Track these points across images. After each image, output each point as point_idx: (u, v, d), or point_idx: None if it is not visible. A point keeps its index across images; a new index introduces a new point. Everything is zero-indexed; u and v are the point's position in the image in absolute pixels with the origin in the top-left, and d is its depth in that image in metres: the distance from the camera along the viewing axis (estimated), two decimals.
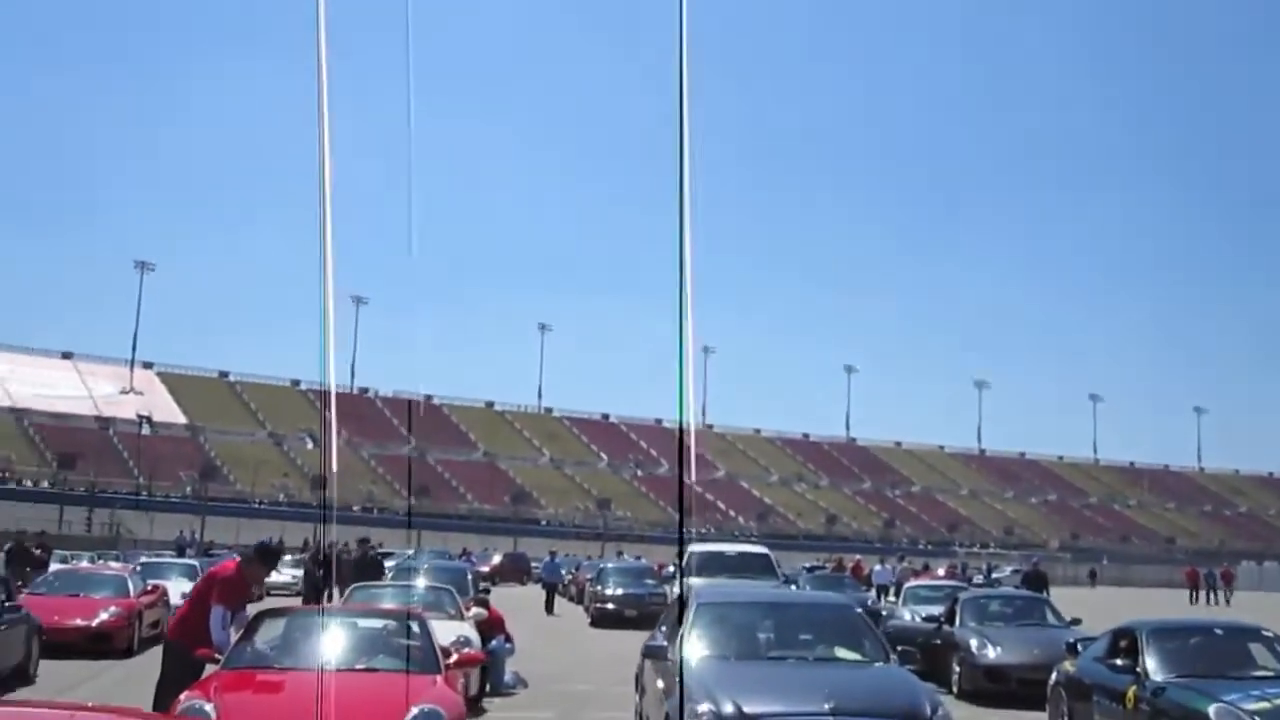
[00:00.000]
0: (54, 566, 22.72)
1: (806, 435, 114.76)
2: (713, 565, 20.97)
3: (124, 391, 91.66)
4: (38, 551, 24.42)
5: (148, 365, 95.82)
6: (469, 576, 20.20)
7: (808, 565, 47.82)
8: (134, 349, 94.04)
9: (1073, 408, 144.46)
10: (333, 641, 8.23)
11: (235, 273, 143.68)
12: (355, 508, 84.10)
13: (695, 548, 22.92)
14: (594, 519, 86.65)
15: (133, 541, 52.02)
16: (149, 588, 19.02)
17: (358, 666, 7.70)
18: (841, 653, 9.22)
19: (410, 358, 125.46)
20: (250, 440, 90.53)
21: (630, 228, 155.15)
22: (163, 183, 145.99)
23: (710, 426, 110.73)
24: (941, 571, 51.11)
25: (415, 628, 8.65)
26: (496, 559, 54.09)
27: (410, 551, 46.88)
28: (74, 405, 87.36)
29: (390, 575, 20.44)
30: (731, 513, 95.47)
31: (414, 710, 7.13)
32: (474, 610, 14.73)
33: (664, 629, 10.40)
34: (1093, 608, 25.79)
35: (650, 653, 9.43)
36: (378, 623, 8.98)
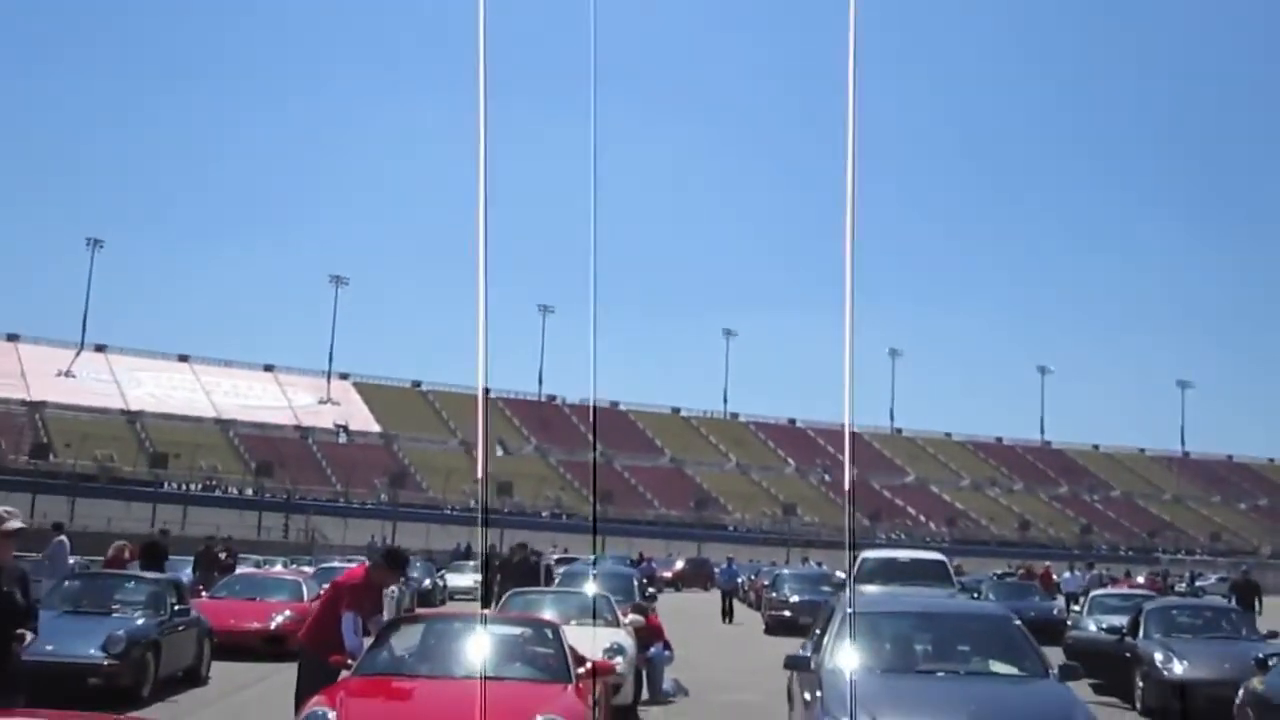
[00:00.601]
0: (240, 570, 23.44)
1: (999, 439, 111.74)
2: (885, 572, 20.42)
3: (322, 401, 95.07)
4: (224, 556, 25.28)
5: (344, 376, 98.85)
6: (635, 582, 20.05)
7: (998, 572, 46.48)
8: (330, 360, 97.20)
9: None
10: (464, 649, 8.14)
11: (427, 285, 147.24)
12: (544, 514, 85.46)
13: (868, 554, 22.37)
14: (780, 525, 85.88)
15: (327, 547, 53.66)
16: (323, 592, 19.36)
17: (487, 675, 7.58)
18: (996, 667, 8.73)
19: (597, 365, 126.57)
20: (442, 448, 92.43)
21: (809, 231, 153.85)
22: (354, 199, 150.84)
23: (899, 430, 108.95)
24: (1141, 579, 49.05)
25: (549, 636, 8.51)
26: (679, 564, 54.04)
27: (586, 557, 47.39)
28: (275, 415, 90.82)
29: (558, 580, 20.42)
30: (922, 518, 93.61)
31: (537, 719, 6.97)
32: (631, 617, 14.55)
33: (814, 639, 10.06)
34: None
35: (793, 664, 9.10)
36: (512, 630, 8.88)
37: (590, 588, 19.32)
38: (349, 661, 8.33)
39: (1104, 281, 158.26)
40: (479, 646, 8.01)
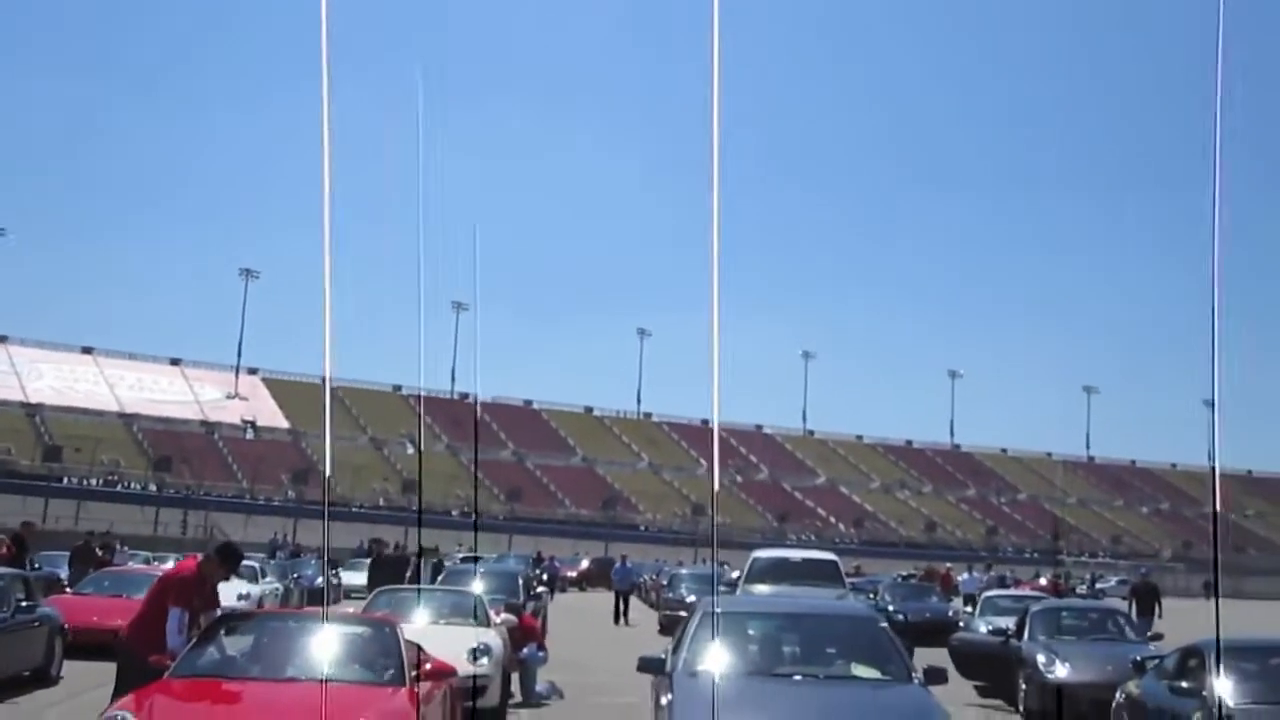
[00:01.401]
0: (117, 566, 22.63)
1: (909, 442, 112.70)
2: (776, 572, 20.20)
3: (229, 396, 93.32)
4: (100, 551, 24.47)
5: (253, 371, 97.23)
6: (520, 581, 19.60)
7: (903, 574, 46.64)
8: (239, 355, 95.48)
9: (1186, 414, 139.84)
10: (295, 650, 7.64)
11: (338, 280, 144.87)
12: (454, 512, 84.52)
13: (759, 553, 22.10)
14: (690, 525, 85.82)
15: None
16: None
17: (311, 677, 7.10)
18: (859, 670, 8.41)
19: (509, 364, 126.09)
20: (352, 444, 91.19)
21: (725, 229, 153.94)
22: (266, 191, 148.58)
23: (811, 433, 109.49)
24: (1044, 581, 49.46)
25: (386, 636, 8.02)
26: (585, 564, 53.59)
27: (489, 556, 46.79)
28: (180, 410, 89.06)
29: (441, 579, 19.86)
30: (832, 519, 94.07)
31: None
32: (503, 617, 14.11)
33: (675, 640, 9.68)
34: (1204, 622, 24.14)
35: (646, 666, 8.70)
36: (347, 630, 8.37)
37: (477, 586, 18.91)
38: (168, 661, 7.81)
39: (1014, 286, 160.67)
40: (311, 647, 7.52)
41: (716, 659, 8.24)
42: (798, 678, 8.16)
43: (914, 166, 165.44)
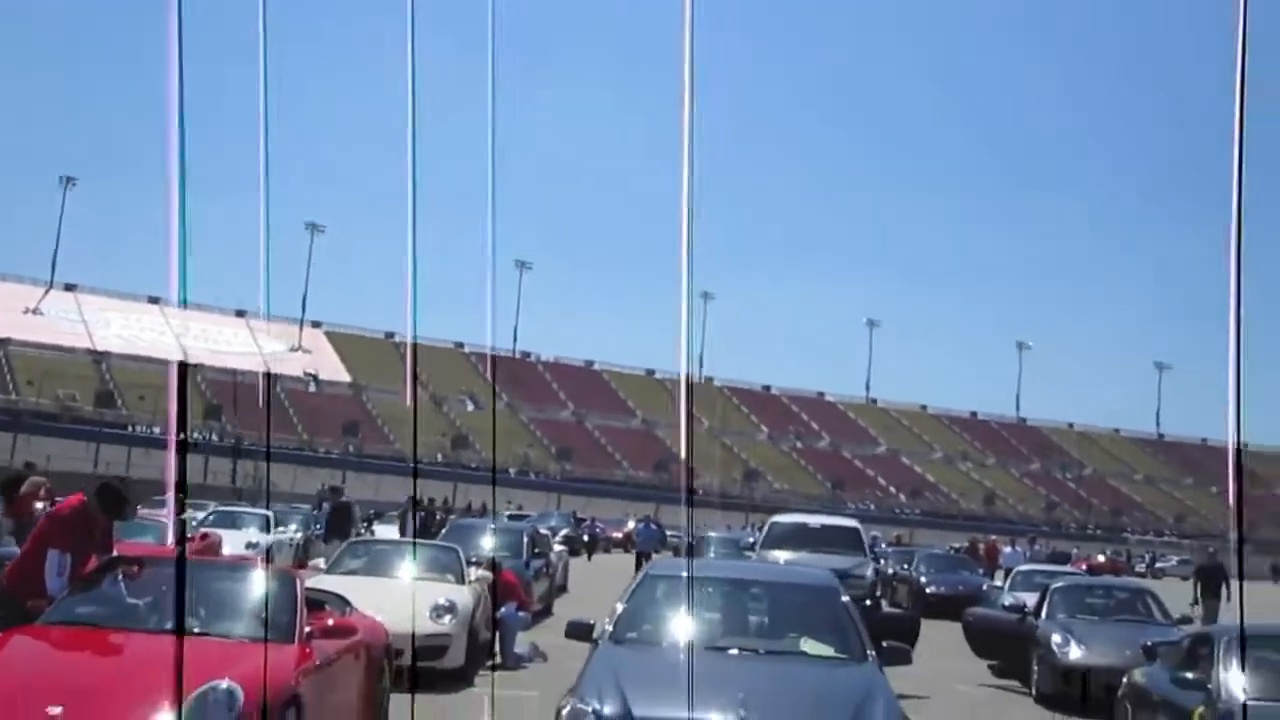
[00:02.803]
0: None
1: (974, 413, 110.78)
2: (793, 538, 19.39)
3: (292, 349, 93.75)
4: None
5: (316, 325, 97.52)
6: (525, 538, 18.90)
7: (955, 546, 45.57)
8: (303, 309, 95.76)
9: (1260, 392, 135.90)
10: (170, 599, 6.98)
11: (401, 236, 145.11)
12: (511, 470, 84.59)
13: (778, 518, 21.36)
14: (745, 489, 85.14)
15: (276, 494, 52.50)
16: (193, 535, 18.32)
17: (181, 630, 6.45)
18: (808, 645, 7.59)
19: (573, 323, 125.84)
20: (410, 400, 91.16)
21: (790, 194, 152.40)
22: (335, 148, 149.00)
23: (874, 401, 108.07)
24: (1101, 559, 48.19)
25: (278, 588, 7.35)
26: (630, 525, 52.95)
27: (535, 514, 46.35)
28: (243, 361, 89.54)
29: (444, 534, 19.21)
30: (892, 489, 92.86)
31: (203, 687, 5.85)
32: (477, 573, 13.44)
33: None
34: (1269, 606, 22.82)
35: (573, 632, 7.95)
36: (236, 581, 7.71)
37: (486, 542, 18.34)
38: (45, 606, 7.22)
39: (1086, 259, 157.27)
40: (189, 598, 6.86)
41: (648, 628, 7.51)
42: (733, 651, 7.36)
43: (988, 142, 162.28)
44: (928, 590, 24.95)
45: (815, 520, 21.93)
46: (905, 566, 27.61)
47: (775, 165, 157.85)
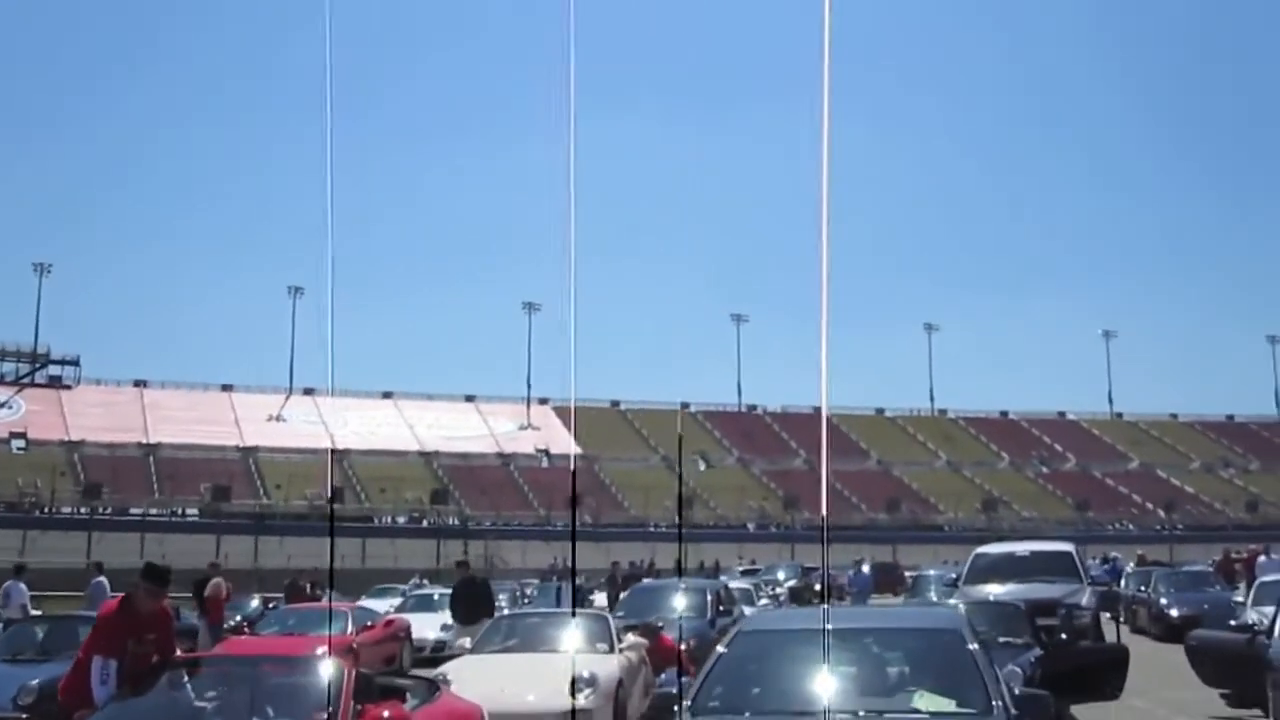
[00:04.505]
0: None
1: (1230, 416, 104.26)
2: (1000, 569, 17.98)
3: (522, 427, 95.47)
4: (309, 588, 24.59)
5: (543, 401, 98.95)
6: (708, 597, 17.89)
7: (1215, 560, 42.41)
8: (529, 387, 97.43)
9: None
10: (222, 700, 6.54)
11: (621, 307, 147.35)
12: (750, 525, 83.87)
13: (982, 549, 19.91)
14: (994, 521, 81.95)
15: (506, 571, 53.22)
16: (377, 622, 18.24)
17: None
18: (922, 702, 6.57)
19: (795, 372, 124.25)
20: (644, 465, 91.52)
21: (1005, 216, 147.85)
22: (545, 226, 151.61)
23: (1119, 415, 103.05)
24: None
25: (326, 681, 6.81)
26: (865, 569, 51.22)
27: (765, 567, 45.48)
28: (477, 444, 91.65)
29: (624, 598, 18.44)
30: (1149, 505, 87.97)
31: None
32: (630, 639, 12.68)
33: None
34: None
35: (659, 704, 7.12)
36: (287, 675, 7.21)
37: (678, 602, 17.62)
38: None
39: None
40: (236, 693, 6.41)
41: (732, 694, 6.64)
42: (836, 716, 6.39)
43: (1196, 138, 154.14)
44: (1169, 612, 22.89)
45: (1023, 547, 20.40)
46: (1143, 588, 25.55)
47: (984, 187, 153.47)
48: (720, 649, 7.28)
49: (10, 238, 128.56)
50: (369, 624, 18.07)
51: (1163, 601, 23.36)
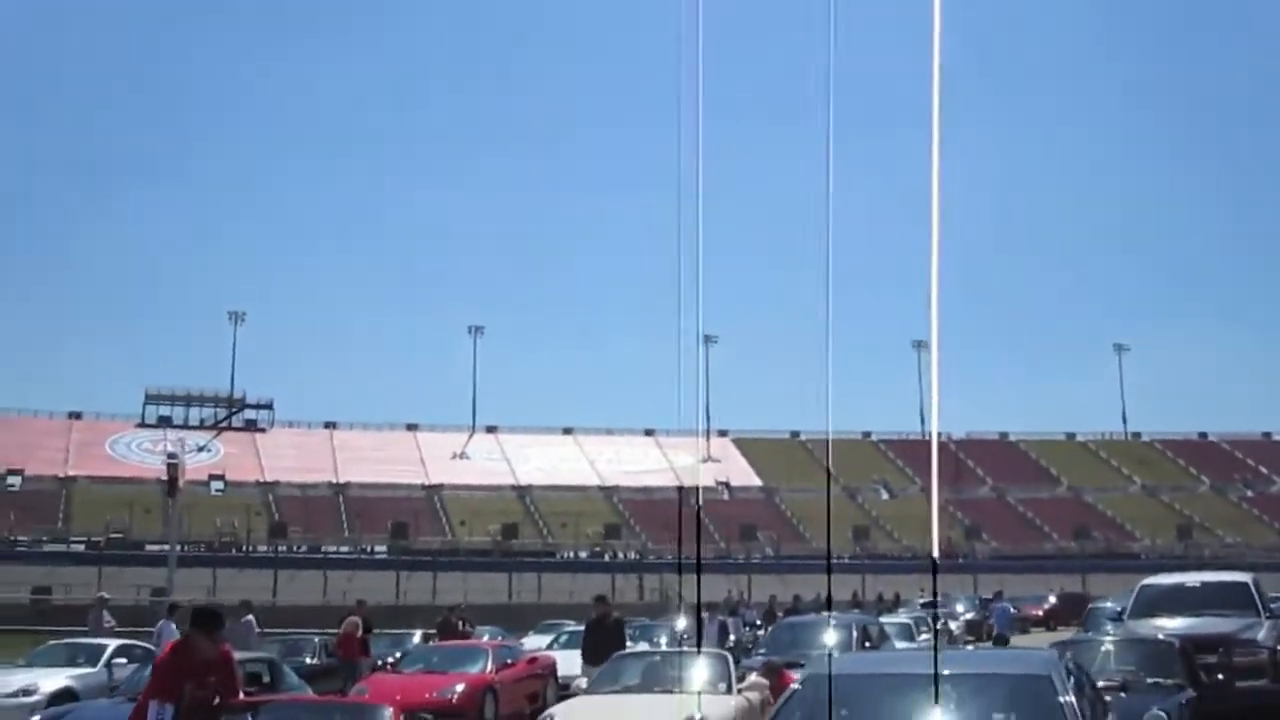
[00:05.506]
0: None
1: None
2: (1169, 602, 16.89)
3: (703, 461, 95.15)
4: (461, 625, 24.69)
5: (723, 433, 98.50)
6: (853, 633, 17.16)
7: None
8: (708, 419, 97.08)
9: None
10: None
11: (790, 335, 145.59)
12: (936, 556, 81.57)
13: (1150, 580, 18.76)
14: (1192, 548, 78.25)
15: (680, 605, 52.81)
16: (519, 660, 18.17)
17: None
18: None
19: (981, 398, 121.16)
20: (823, 495, 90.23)
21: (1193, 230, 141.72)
22: (721, 261, 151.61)
23: (1267, 435, 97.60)
24: None
25: None
26: (1052, 600, 49.42)
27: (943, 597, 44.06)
28: (657, 478, 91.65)
29: (769, 633, 17.88)
30: None
31: None
32: (751, 680, 12.22)
33: None
34: None
35: None
36: (333, 715, 7.03)
37: (830, 637, 17.10)
38: None
39: None
40: None
41: None
42: None
43: None
44: None
45: (1194, 578, 19.15)
46: None
47: (1171, 201, 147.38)
48: (794, 687, 6.84)
49: (207, 287, 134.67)
50: (509, 661, 18.02)
51: None
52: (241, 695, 7.62)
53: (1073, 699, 6.31)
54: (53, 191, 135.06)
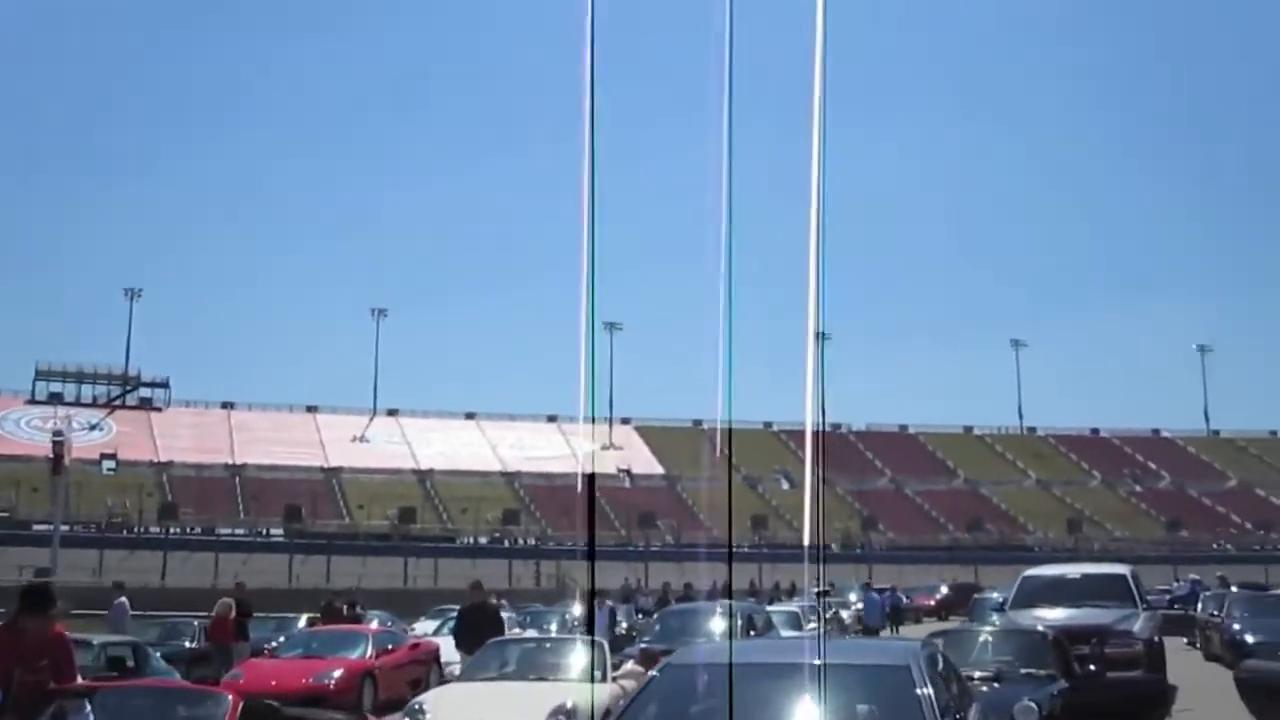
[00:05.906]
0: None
1: None
2: (1050, 593, 17.05)
3: (604, 447, 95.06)
4: (347, 609, 24.31)
5: (625, 421, 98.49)
6: (740, 621, 17.19)
7: None
8: (611, 407, 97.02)
9: None
10: None
11: (693, 325, 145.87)
12: (834, 545, 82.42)
13: (1031, 571, 18.97)
14: (1084, 542, 79.97)
15: (577, 591, 52.73)
16: (401, 645, 17.87)
17: None
18: None
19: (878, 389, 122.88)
20: (722, 485, 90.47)
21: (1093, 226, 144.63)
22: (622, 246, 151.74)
23: (1216, 433, 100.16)
24: None
25: (202, 711, 6.35)
26: (944, 590, 50.12)
27: (841, 586, 44.37)
28: (559, 465, 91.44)
29: (652, 620, 17.81)
30: (1248, 525, 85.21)
31: None
32: (628, 667, 12.09)
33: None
34: None
35: None
36: (165, 706, 6.75)
37: (712, 626, 16.99)
38: None
39: None
40: None
41: None
42: None
43: None
44: (1244, 638, 21.31)
45: (1074, 570, 19.39)
46: (1215, 613, 24.21)
47: (1071, 200, 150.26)
48: (652, 674, 6.68)
49: (102, 264, 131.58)
50: (390, 646, 17.71)
51: (1235, 627, 21.87)
52: (79, 679, 7.27)
53: (930, 691, 6.21)
54: None
